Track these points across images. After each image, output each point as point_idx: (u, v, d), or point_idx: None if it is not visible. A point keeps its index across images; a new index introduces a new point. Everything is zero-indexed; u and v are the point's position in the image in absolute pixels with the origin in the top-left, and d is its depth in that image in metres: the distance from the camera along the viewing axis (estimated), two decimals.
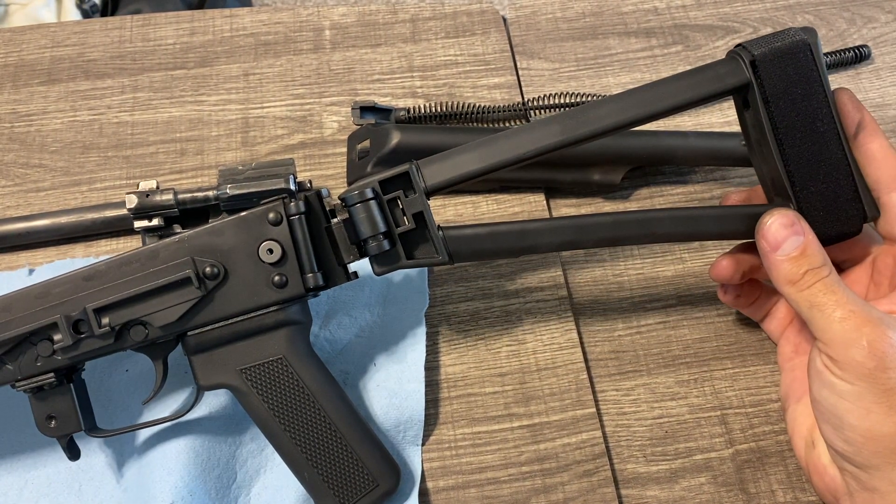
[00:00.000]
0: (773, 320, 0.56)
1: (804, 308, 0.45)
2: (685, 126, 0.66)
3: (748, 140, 0.51)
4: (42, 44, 0.70)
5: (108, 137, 0.65)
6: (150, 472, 0.51)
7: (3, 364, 0.47)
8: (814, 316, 0.45)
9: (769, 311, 0.56)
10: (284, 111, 0.66)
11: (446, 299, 0.58)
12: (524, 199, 0.62)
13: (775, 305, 0.55)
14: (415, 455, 0.53)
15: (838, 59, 0.68)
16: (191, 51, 0.69)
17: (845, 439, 0.44)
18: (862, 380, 0.43)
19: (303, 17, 0.71)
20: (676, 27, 0.71)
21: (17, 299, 0.47)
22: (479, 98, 0.67)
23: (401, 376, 0.54)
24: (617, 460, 0.54)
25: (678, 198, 0.63)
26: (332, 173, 0.63)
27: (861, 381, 0.43)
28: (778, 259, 0.46)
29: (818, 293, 0.45)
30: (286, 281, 0.47)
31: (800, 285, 0.46)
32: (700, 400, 0.56)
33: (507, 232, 0.48)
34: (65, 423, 0.48)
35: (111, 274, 0.47)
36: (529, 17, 0.72)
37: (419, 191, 0.47)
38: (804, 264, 0.46)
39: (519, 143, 0.48)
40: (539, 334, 0.57)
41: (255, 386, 0.48)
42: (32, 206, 0.62)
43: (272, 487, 0.52)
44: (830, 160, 0.48)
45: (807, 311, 0.45)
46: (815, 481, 0.49)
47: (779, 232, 0.46)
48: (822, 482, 0.48)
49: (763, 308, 0.56)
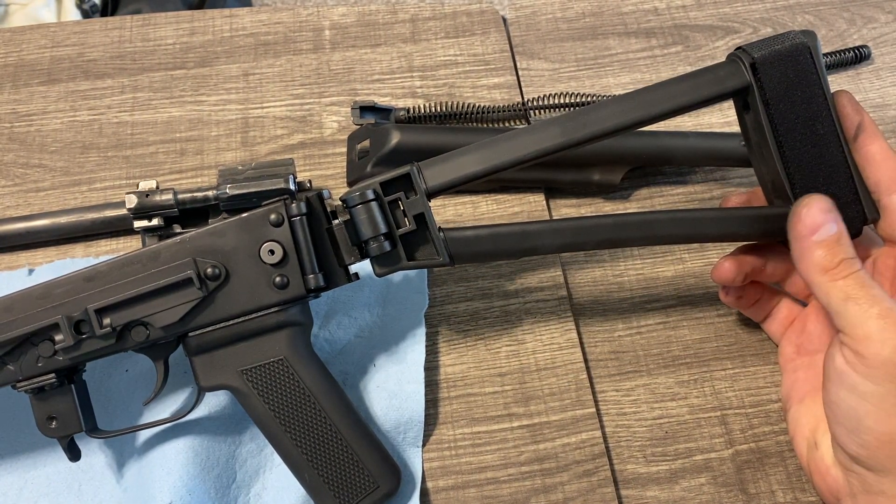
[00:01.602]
0: (775, 321, 0.56)
1: (837, 300, 0.43)
2: (685, 126, 0.66)
3: (748, 142, 0.51)
4: (42, 44, 0.70)
5: (107, 137, 0.65)
6: (149, 472, 0.51)
7: (5, 364, 0.47)
8: (848, 310, 0.43)
9: (770, 311, 0.56)
10: (284, 111, 0.66)
11: (446, 299, 0.58)
12: (524, 199, 0.62)
13: (777, 306, 0.55)
14: (415, 456, 0.53)
15: (838, 60, 0.68)
16: (191, 51, 0.69)
17: (861, 443, 0.43)
18: (890, 382, 0.41)
19: (303, 17, 0.71)
20: (676, 27, 0.71)
21: (19, 300, 0.47)
22: (479, 98, 0.67)
23: (400, 377, 0.54)
24: (617, 461, 0.54)
25: (678, 198, 0.63)
26: (332, 173, 0.63)
27: (888, 384, 0.41)
28: (812, 244, 0.44)
29: (853, 286, 0.43)
30: (287, 282, 0.47)
31: (834, 274, 0.44)
32: (700, 400, 0.56)
33: (507, 233, 0.48)
34: (66, 423, 0.48)
35: (112, 274, 0.47)
36: (529, 17, 0.72)
37: (420, 192, 0.47)
38: (839, 253, 0.44)
39: (519, 145, 0.48)
40: (539, 334, 0.57)
41: (255, 387, 0.48)
42: (32, 206, 0.62)
43: (272, 488, 0.52)
44: (830, 162, 0.48)
45: (839, 303, 0.43)
46: (816, 482, 0.49)
47: (817, 216, 0.45)
48: (823, 483, 0.48)
49: (764, 309, 0.56)
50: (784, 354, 0.54)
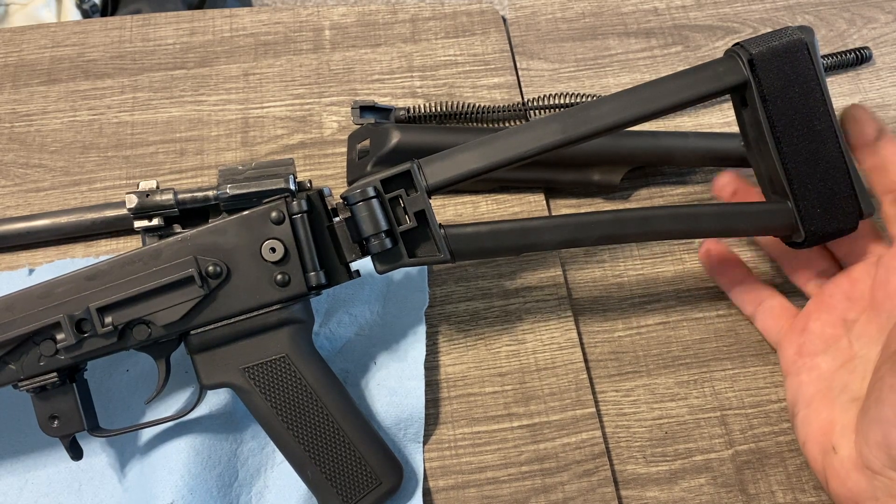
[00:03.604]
0: (769, 319, 0.55)
1: None
2: (685, 126, 0.66)
3: (746, 138, 0.51)
4: (42, 44, 0.70)
5: (108, 137, 0.65)
6: (150, 471, 0.51)
7: (6, 364, 0.47)
8: None
9: (761, 304, 0.55)
10: (284, 111, 0.66)
11: (446, 299, 0.58)
12: (524, 199, 0.62)
13: (768, 301, 0.55)
14: (416, 453, 0.53)
15: (839, 61, 0.68)
16: (191, 51, 0.69)
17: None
18: None
19: (303, 17, 0.71)
20: (676, 27, 0.71)
21: (20, 299, 0.47)
22: (479, 98, 0.67)
23: (401, 374, 0.54)
24: (617, 461, 0.54)
25: (678, 198, 0.63)
26: (332, 173, 0.63)
27: None
28: None
29: None
30: (289, 279, 0.47)
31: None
32: (700, 401, 0.56)
33: (508, 230, 0.49)
34: (67, 422, 0.48)
35: (114, 273, 0.47)
36: (529, 17, 0.72)
37: (421, 189, 0.48)
38: None
39: (519, 142, 0.48)
40: (539, 334, 0.57)
41: (258, 385, 0.48)
42: (32, 206, 0.62)
43: (274, 486, 0.52)
44: (827, 158, 0.49)
45: None
46: (833, 486, 0.47)
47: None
48: (843, 488, 0.46)
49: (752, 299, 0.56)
50: (785, 357, 0.53)
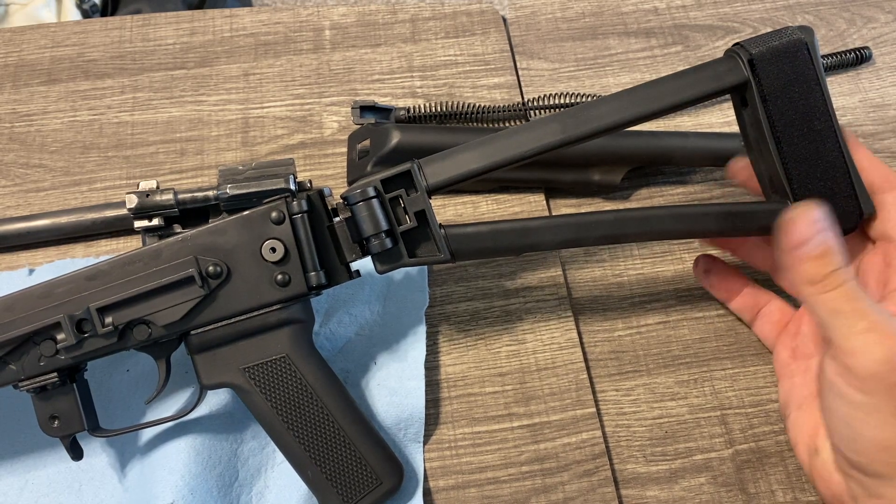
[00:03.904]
0: (767, 324, 0.55)
1: (824, 313, 0.43)
2: (685, 126, 0.66)
3: (746, 138, 0.51)
4: (42, 44, 0.70)
5: (108, 137, 0.65)
6: (150, 472, 0.50)
7: (7, 364, 0.46)
8: (835, 323, 0.43)
9: (760, 311, 0.56)
10: (284, 111, 0.66)
11: (446, 299, 0.58)
12: (524, 199, 0.62)
13: (767, 306, 0.55)
14: (417, 452, 0.53)
15: (839, 61, 0.68)
16: (191, 51, 0.69)
17: (857, 450, 0.43)
18: (880, 393, 0.41)
19: (303, 17, 0.71)
20: (676, 27, 0.71)
21: (20, 299, 0.47)
22: (479, 98, 0.67)
23: (401, 374, 0.54)
24: (617, 460, 0.54)
25: (678, 198, 0.63)
26: (332, 173, 0.63)
27: (879, 395, 0.41)
28: (800, 256, 0.44)
29: (840, 299, 0.42)
30: (289, 279, 0.47)
31: (822, 286, 0.43)
32: (700, 400, 0.56)
33: (508, 230, 0.48)
34: (68, 422, 0.48)
35: (114, 273, 0.47)
36: (529, 17, 0.72)
37: (421, 189, 0.48)
38: (828, 265, 0.43)
39: (520, 142, 0.48)
40: (539, 334, 0.57)
41: (258, 385, 0.48)
42: (32, 206, 0.62)
43: (274, 486, 0.52)
44: (827, 158, 0.49)
45: (827, 316, 0.43)
46: (819, 487, 0.48)
47: (804, 230, 0.43)
48: (827, 488, 0.47)
49: (750, 307, 0.56)
50: (779, 360, 0.54)
